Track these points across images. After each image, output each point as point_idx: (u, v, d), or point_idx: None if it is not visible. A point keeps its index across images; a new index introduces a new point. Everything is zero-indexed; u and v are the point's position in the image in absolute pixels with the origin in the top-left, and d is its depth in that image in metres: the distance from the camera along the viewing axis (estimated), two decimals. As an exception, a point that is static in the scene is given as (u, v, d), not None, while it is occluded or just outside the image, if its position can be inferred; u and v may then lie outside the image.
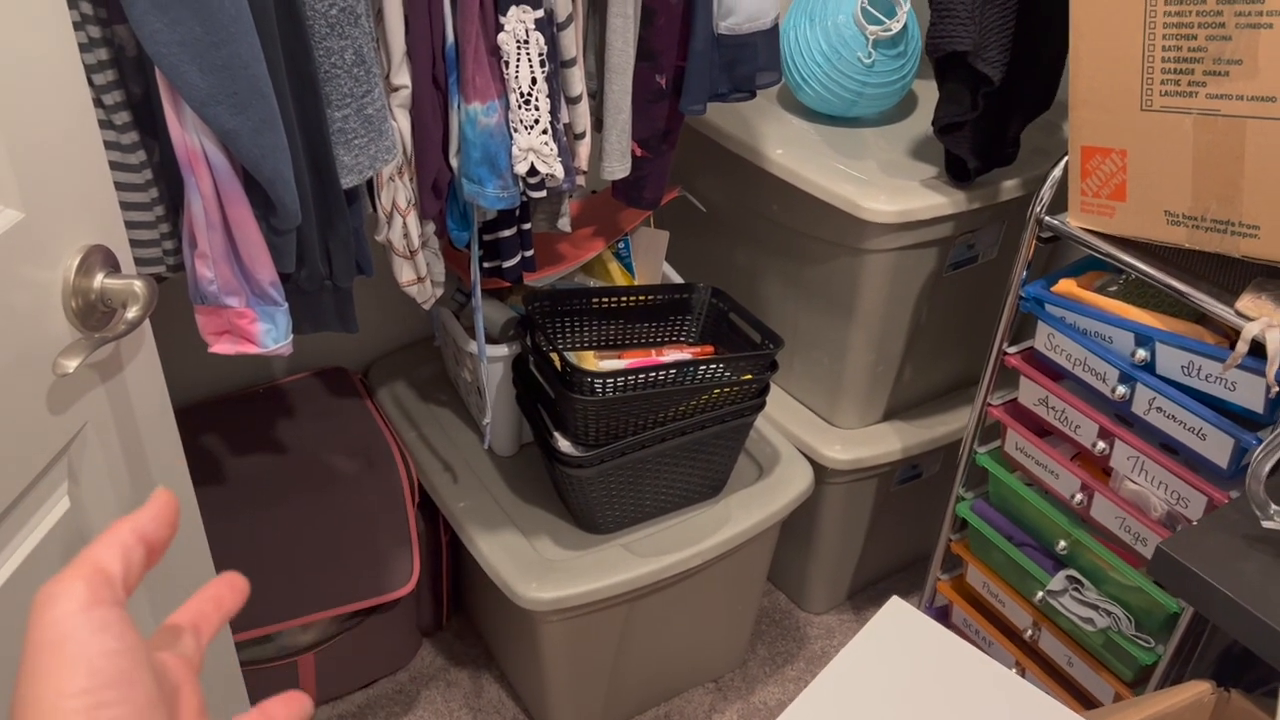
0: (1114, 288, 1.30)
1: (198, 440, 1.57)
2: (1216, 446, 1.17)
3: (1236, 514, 1.01)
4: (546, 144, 1.12)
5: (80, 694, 0.33)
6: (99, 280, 0.87)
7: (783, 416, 1.73)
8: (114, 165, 0.98)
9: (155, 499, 0.39)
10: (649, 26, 1.26)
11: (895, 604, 1.04)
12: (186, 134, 0.91)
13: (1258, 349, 1.09)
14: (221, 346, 1.02)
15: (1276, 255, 1.08)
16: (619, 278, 1.64)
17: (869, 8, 1.55)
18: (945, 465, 1.85)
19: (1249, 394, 1.13)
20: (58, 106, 0.80)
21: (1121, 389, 1.24)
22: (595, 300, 1.53)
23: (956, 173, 1.46)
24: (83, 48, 0.92)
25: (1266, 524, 0.96)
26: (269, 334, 1.02)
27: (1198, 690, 0.98)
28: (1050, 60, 1.41)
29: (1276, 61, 1.01)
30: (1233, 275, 1.17)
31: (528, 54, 1.08)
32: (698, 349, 1.58)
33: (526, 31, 1.06)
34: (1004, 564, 1.52)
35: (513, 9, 1.05)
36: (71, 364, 0.81)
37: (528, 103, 1.10)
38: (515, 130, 1.12)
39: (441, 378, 1.77)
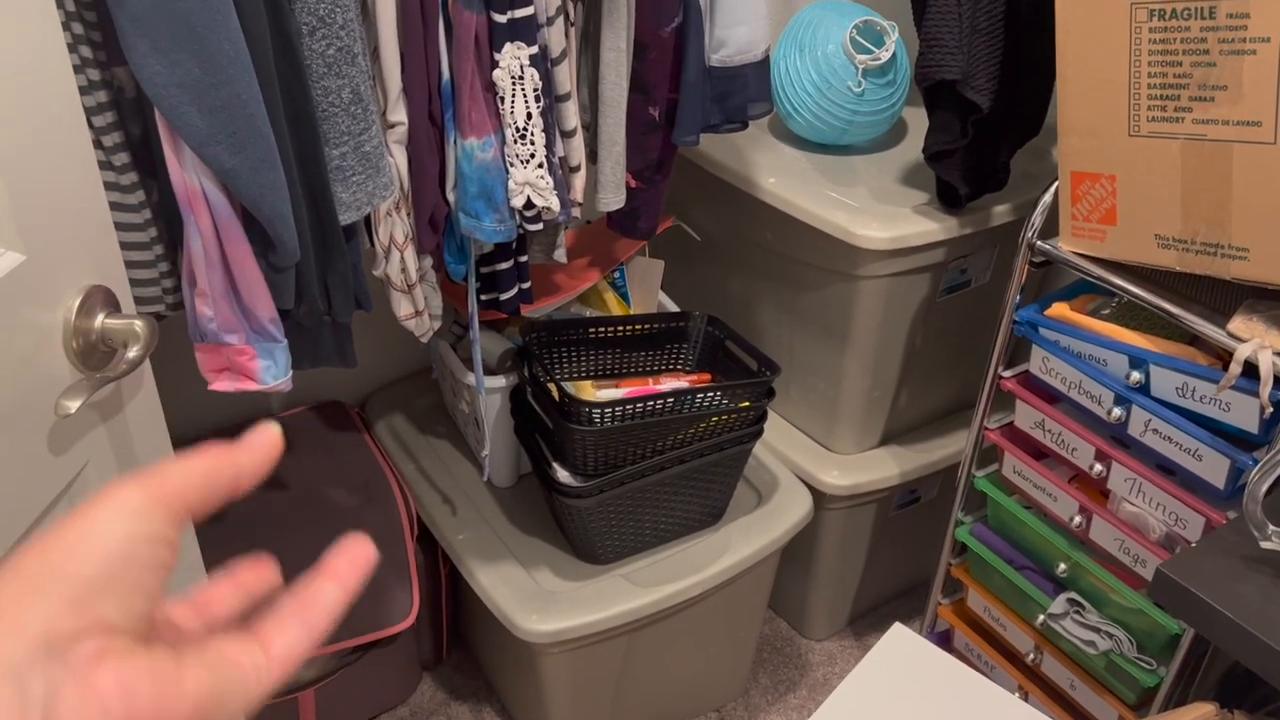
0: (1106, 310, 1.31)
1: (196, 476, 1.56)
2: (1213, 467, 1.17)
3: (1235, 535, 1.02)
4: (542, 178, 1.13)
5: (77, 578, 0.32)
6: (100, 320, 0.87)
7: (780, 443, 1.74)
8: (113, 205, 0.99)
9: (258, 431, 0.39)
10: (641, 60, 1.27)
11: (898, 630, 1.04)
12: (186, 174, 0.92)
13: (1251, 370, 1.10)
14: (221, 384, 1.03)
15: (1267, 277, 1.09)
16: (615, 307, 1.65)
17: (858, 37, 1.57)
18: (944, 489, 1.85)
19: (1243, 414, 1.14)
20: (59, 149, 0.81)
21: (1117, 411, 1.25)
22: (592, 330, 1.54)
23: (948, 199, 1.48)
24: (82, 90, 0.93)
25: (1265, 544, 0.96)
26: (268, 370, 1.02)
27: (1202, 712, 0.98)
28: (1038, 86, 1.43)
29: (1260, 87, 1.02)
30: (1223, 296, 1.18)
31: (523, 89, 1.09)
32: (694, 377, 1.58)
33: (521, 68, 1.08)
34: (1004, 588, 1.52)
35: (507, 45, 1.07)
36: (73, 405, 0.82)
37: (523, 137, 1.11)
38: (511, 164, 1.13)
39: (439, 409, 1.77)
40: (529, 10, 1.06)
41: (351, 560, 0.40)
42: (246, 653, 0.36)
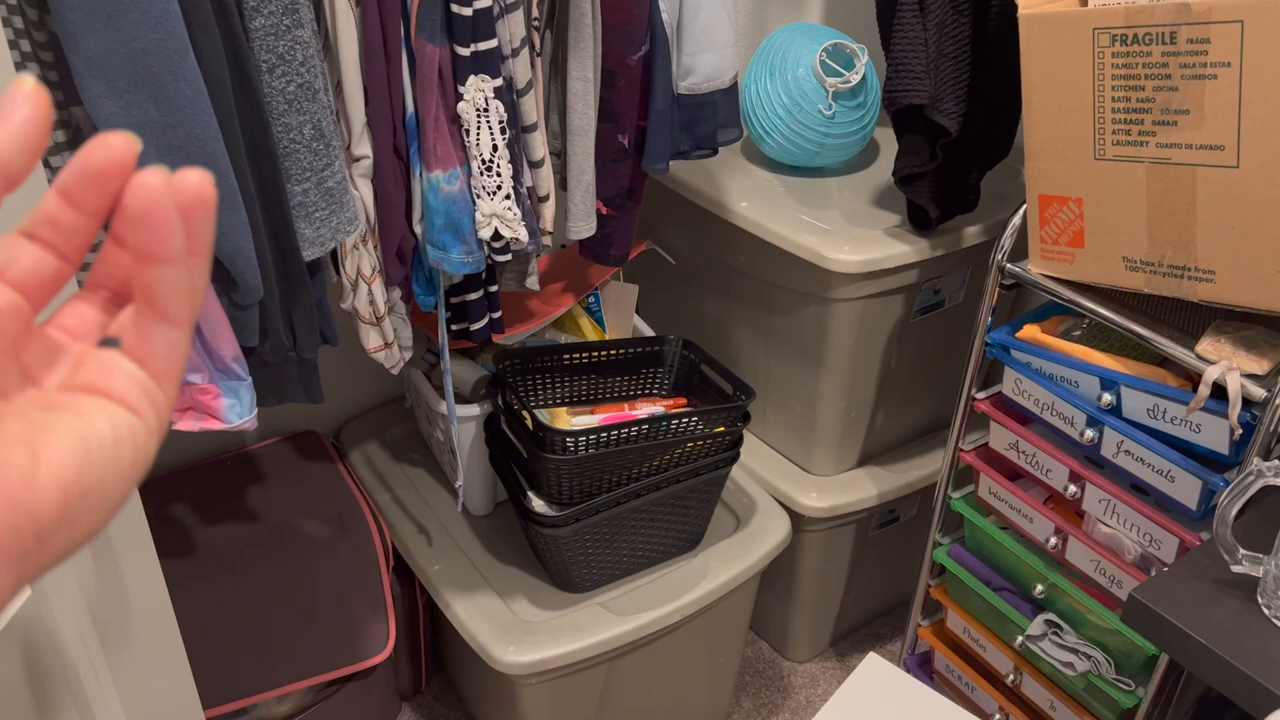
0: (1077, 332, 1.31)
1: (167, 510, 1.55)
2: (1185, 488, 1.17)
3: (1206, 559, 1.02)
4: (509, 209, 1.13)
5: None
6: (58, 363, 0.87)
7: (758, 465, 1.73)
8: (73, 245, 0.98)
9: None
10: (610, 89, 1.27)
11: (872, 660, 1.03)
12: (145, 214, 0.91)
13: (1220, 391, 1.10)
14: (185, 423, 1.02)
15: (1232, 299, 1.09)
16: (590, 332, 1.64)
17: (828, 60, 1.57)
18: (923, 508, 1.85)
19: (1214, 436, 1.14)
20: (16, 193, 0.80)
21: (1090, 433, 1.25)
22: (566, 356, 1.53)
23: (918, 221, 1.48)
24: (40, 130, 0.92)
25: (1235, 568, 0.96)
26: (233, 409, 1.01)
27: (1176, 738, 0.98)
28: (1006, 109, 1.43)
29: (1222, 111, 1.03)
30: (1192, 318, 1.18)
31: (488, 121, 1.09)
32: (670, 401, 1.58)
33: (486, 100, 1.07)
34: (983, 609, 1.52)
35: (471, 78, 1.06)
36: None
37: (489, 169, 1.11)
38: (478, 196, 1.12)
39: (415, 437, 1.76)
40: (492, 43, 1.06)
41: (179, 208, 0.29)
42: (117, 380, 0.27)
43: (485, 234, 1.14)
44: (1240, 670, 0.92)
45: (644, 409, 1.55)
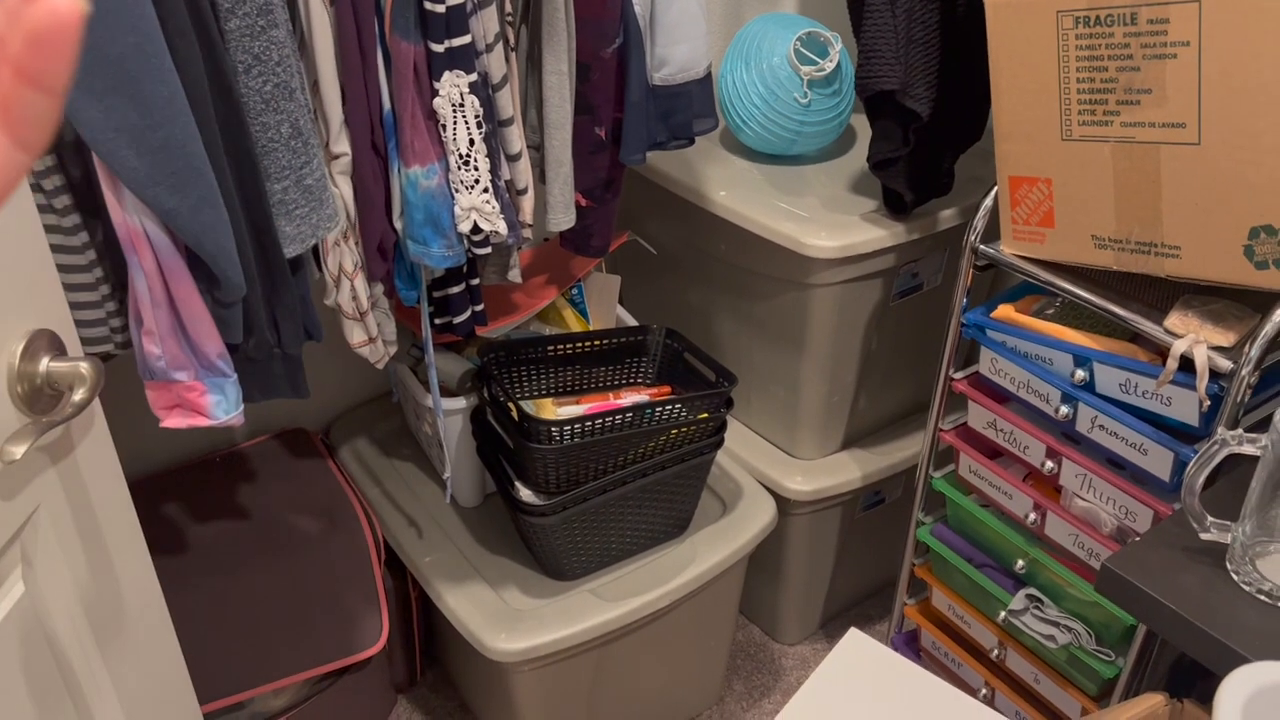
0: (1051, 310, 1.33)
1: (159, 510, 1.57)
2: (1157, 460, 1.20)
3: (1177, 528, 1.04)
4: (488, 202, 1.15)
5: None
6: (44, 364, 0.88)
7: (744, 451, 1.75)
8: (57, 249, 1.00)
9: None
10: (585, 81, 1.29)
11: (853, 635, 1.05)
12: (127, 215, 0.92)
13: (1189, 364, 1.13)
14: (173, 420, 1.03)
15: (1198, 273, 1.11)
16: (574, 323, 1.66)
17: (802, 49, 1.59)
18: (908, 489, 1.87)
19: (1184, 408, 1.16)
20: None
21: (1064, 409, 1.27)
22: (550, 347, 1.55)
23: (894, 206, 1.50)
24: (21, 136, 0.93)
25: (1204, 536, 0.98)
26: (219, 405, 1.03)
27: (1152, 703, 1.00)
28: (978, 92, 1.45)
29: (1183, 89, 1.05)
30: (1161, 294, 1.21)
31: (464, 116, 1.10)
32: (654, 390, 1.60)
33: (461, 95, 1.09)
34: (966, 586, 1.55)
35: (446, 74, 1.08)
36: (18, 450, 0.82)
37: (467, 163, 1.13)
38: (457, 190, 1.14)
39: (403, 431, 1.77)
40: (466, 39, 1.07)
41: None
42: None
43: (464, 227, 1.15)
44: (1209, 634, 0.95)
45: (629, 398, 1.57)
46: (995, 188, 1.29)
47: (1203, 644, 0.95)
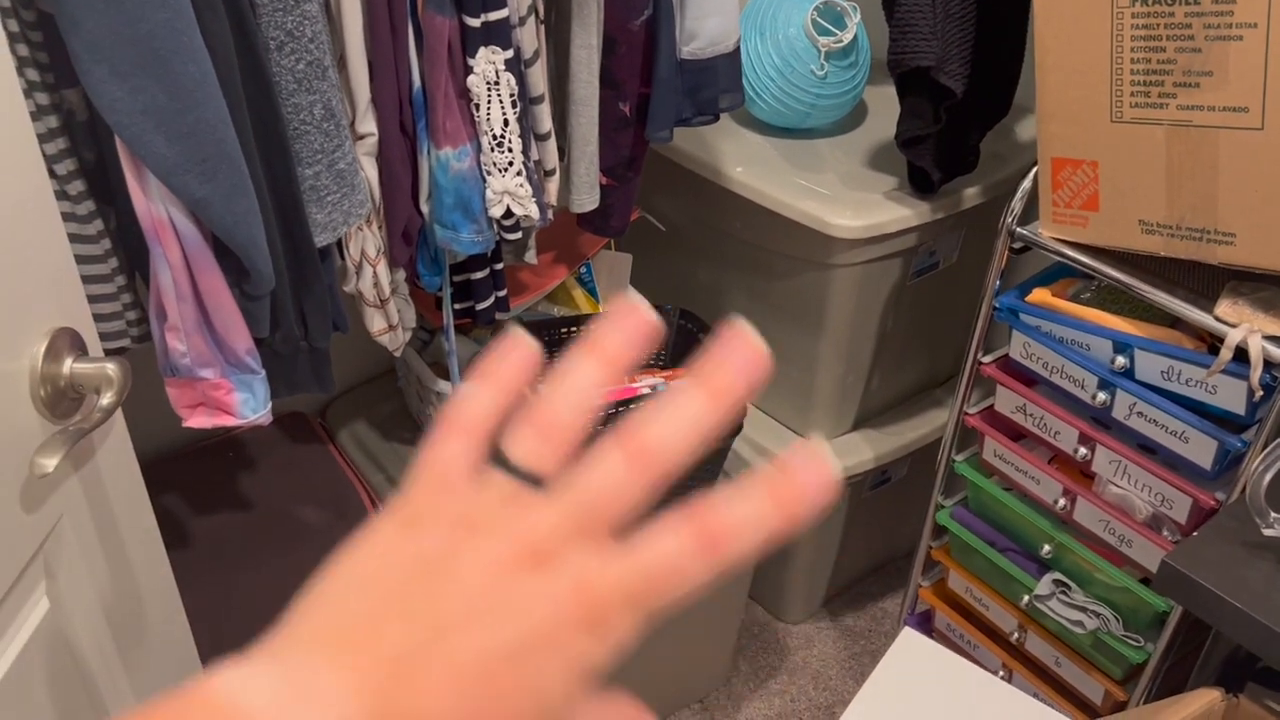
0: (1087, 295, 1.31)
1: (160, 500, 1.49)
2: (1200, 449, 1.18)
3: (1233, 521, 1.03)
4: (521, 185, 1.09)
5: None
6: (68, 365, 0.82)
7: (755, 432, 1.72)
8: (72, 237, 0.92)
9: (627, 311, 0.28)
10: (611, 55, 1.23)
11: (907, 635, 1.03)
12: (152, 204, 0.86)
13: (1240, 353, 1.11)
14: (197, 420, 0.97)
15: (1254, 261, 1.09)
16: (584, 304, 1.61)
17: (819, 19, 1.54)
18: (913, 469, 1.86)
19: (1230, 397, 1.15)
20: (13, 185, 0.75)
21: (1101, 395, 1.25)
22: (564, 330, 1.50)
23: (920, 184, 1.46)
24: (31, 116, 0.86)
25: (1267, 531, 0.97)
26: (247, 404, 0.97)
27: (1208, 699, 0.99)
28: (1008, 67, 1.42)
29: (1247, 73, 1.02)
30: (1203, 279, 1.18)
31: (499, 95, 1.04)
32: (670, 373, 1.55)
33: (497, 73, 1.03)
34: (987, 569, 1.53)
35: (482, 50, 1.02)
36: (50, 463, 0.76)
37: (500, 145, 1.07)
38: (489, 173, 1.08)
39: (403, 413, 1.72)
40: (503, 12, 1.01)
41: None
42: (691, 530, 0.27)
43: (496, 212, 1.10)
44: (1274, 630, 0.94)
45: (644, 381, 1.52)
46: (1035, 169, 1.25)
47: (1267, 640, 0.94)
